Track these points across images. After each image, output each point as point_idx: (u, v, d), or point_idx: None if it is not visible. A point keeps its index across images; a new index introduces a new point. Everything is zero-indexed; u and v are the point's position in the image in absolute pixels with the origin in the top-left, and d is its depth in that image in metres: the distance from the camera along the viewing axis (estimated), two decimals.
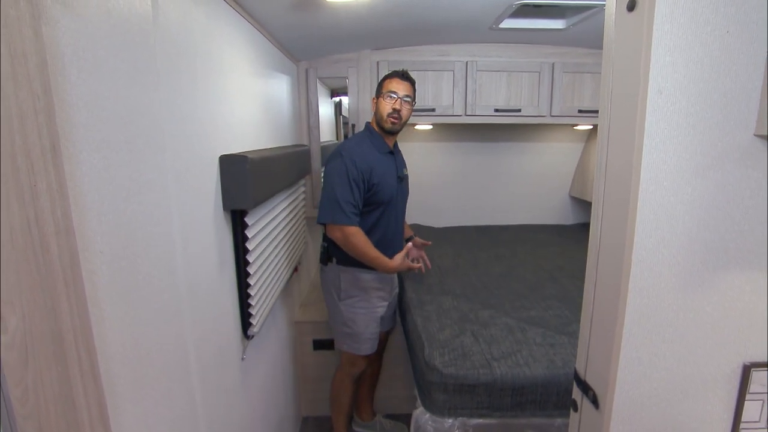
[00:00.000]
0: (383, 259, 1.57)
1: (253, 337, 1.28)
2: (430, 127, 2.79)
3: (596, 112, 0.80)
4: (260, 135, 1.48)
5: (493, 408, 1.26)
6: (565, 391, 1.24)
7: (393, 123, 1.61)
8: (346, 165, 1.52)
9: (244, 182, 1.10)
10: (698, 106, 0.62)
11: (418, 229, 2.96)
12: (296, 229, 1.87)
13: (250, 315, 1.23)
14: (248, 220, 1.17)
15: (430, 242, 1.99)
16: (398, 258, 1.60)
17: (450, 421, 1.26)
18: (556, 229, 3.07)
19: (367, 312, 1.69)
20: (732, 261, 0.68)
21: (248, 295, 1.21)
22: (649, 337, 0.70)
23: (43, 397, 0.45)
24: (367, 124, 1.73)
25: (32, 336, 0.43)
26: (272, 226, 1.40)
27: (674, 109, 0.61)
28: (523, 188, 3.13)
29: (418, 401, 1.37)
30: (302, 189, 2.06)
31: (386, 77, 1.62)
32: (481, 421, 1.26)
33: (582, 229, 3.06)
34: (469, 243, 2.71)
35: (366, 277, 1.67)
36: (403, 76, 1.60)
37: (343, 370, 1.81)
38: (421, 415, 1.30)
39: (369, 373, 1.94)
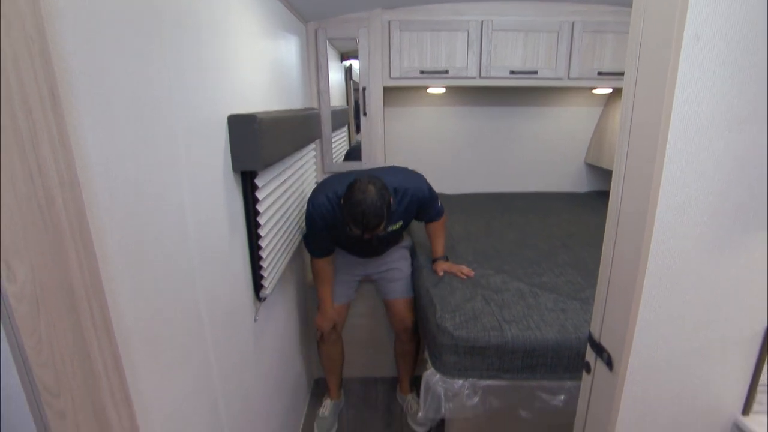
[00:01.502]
0: (322, 300, 1.78)
1: (265, 299, 1.29)
2: (443, 90, 2.71)
3: (617, 74, 0.75)
4: (269, 98, 1.44)
5: (504, 370, 1.27)
6: (576, 355, 1.24)
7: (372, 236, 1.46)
8: (311, 219, 1.55)
9: (254, 142, 1.08)
10: (738, 53, 0.57)
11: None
12: (306, 193, 1.86)
13: (261, 277, 1.24)
14: (258, 182, 1.15)
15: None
16: (328, 314, 1.78)
17: (460, 382, 1.27)
18: (570, 196, 3.02)
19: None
20: (763, 222, 0.65)
21: (260, 258, 1.22)
22: (668, 299, 0.68)
23: (58, 347, 0.45)
24: (338, 187, 1.52)
25: (42, 287, 0.43)
26: (282, 189, 1.38)
27: (711, 56, 0.57)
28: (537, 155, 3.05)
29: (429, 363, 1.39)
30: (312, 153, 2.04)
31: (349, 220, 1.37)
32: (490, 382, 1.27)
33: (596, 197, 3.00)
34: (481, 210, 2.68)
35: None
36: (368, 229, 1.37)
37: None
38: (431, 376, 1.32)
39: (400, 351, 1.95)
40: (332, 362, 1.94)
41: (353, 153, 2.74)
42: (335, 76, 2.83)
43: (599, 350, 0.77)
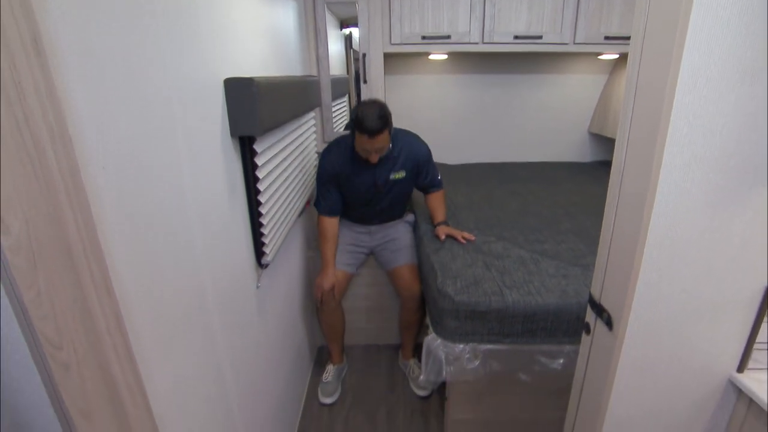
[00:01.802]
0: (325, 259, 1.83)
1: (267, 266, 1.30)
2: (445, 56, 2.65)
3: (624, 38, 0.72)
4: (266, 63, 1.41)
5: (504, 334, 1.28)
6: (576, 320, 1.25)
7: (374, 159, 1.65)
8: (321, 168, 1.77)
9: (252, 107, 1.05)
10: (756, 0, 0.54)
11: None
12: (307, 161, 1.84)
13: (263, 244, 1.24)
14: (257, 147, 1.14)
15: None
16: (329, 276, 1.82)
17: (461, 346, 1.29)
18: (574, 166, 2.99)
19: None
20: None
21: (260, 224, 1.21)
22: (669, 258, 0.68)
23: (58, 302, 0.45)
24: (352, 127, 1.65)
25: (38, 242, 0.43)
26: (283, 156, 1.37)
27: (725, 2, 0.54)
28: (540, 123, 3.01)
29: (430, 328, 1.41)
30: (312, 122, 2.01)
31: (356, 128, 1.57)
32: (491, 346, 1.29)
33: (600, 167, 2.97)
34: (484, 180, 2.66)
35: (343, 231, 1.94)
36: (372, 133, 1.53)
37: None
38: (432, 340, 1.34)
39: (406, 321, 1.97)
40: (333, 330, 1.97)
41: None
42: (335, 45, 2.76)
43: (599, 311, 0.77)
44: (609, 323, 0.74)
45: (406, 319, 1.95)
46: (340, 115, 2.73)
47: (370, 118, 1.52)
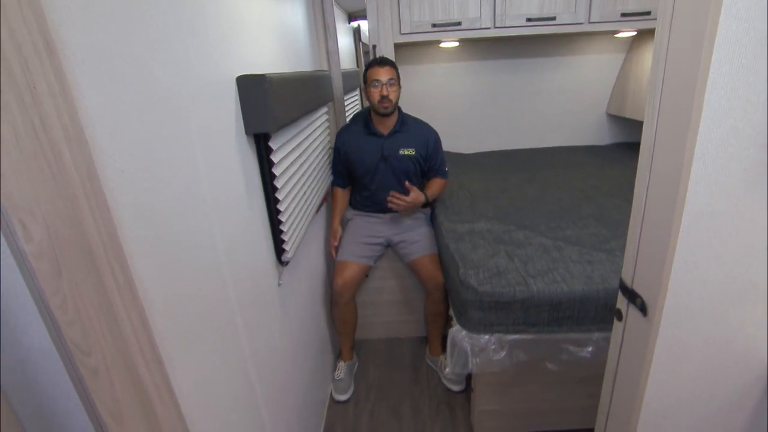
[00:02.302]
0: (333, 224, 2.00)
1: (287, 263, 1.30)
2: (456, 44, 2.60)
3: (642, 14, 0.68)
4: (278, 60, 1.39)
5: (530, 324, 1.26)
6: (604, 306, 1.22)
7: (385, 107, 1.79)
8: (336, 141, 1.97)
9: (265, 103, 1.05)
10: None
11: (446, 156, 2.88)
12: (322, 156, 1.83)
13: (283, 241, 1.24)
14: (272, 144, 1.13)
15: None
16: (335, 233, 1.97)
17: (486, 337, 1.27)
18: (591, 149, 2.92)
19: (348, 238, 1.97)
20: None
21: (279, 221, 1.21)
22: (707, 238, 0.65)
23: (84, 306, 0.45)
24: (368, 107, 1.91)
25: (60, 246, 0.42)
26: (298, 152, 1.36)
27: None
28: (556, 107, 2.94)
29: (454, 320, 1.39)
30: (325, 117, 1.99)
31: (367, 68, 1.80)
32: (517, 336, 1.27)
33: (618, 149, 2.89)
34: (499, 168, 2.62)
35: (354, 219, 2.03)
36: (381, 62, 1.77)
37: None
38: (457, 332, 1.32)
39: (431, 312, 1.95)
40: (345, 324, 1.96)
41: None
42: (343, 38, 2.73)
43: (632, 296, 0.74)
44: (643, 309, 0.71)
45: (432, 310, 1.92)
46: (352, 108, 2.71)
47: (380, 57, 1.79)
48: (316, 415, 1.71)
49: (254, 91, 1.04)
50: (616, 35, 2.59)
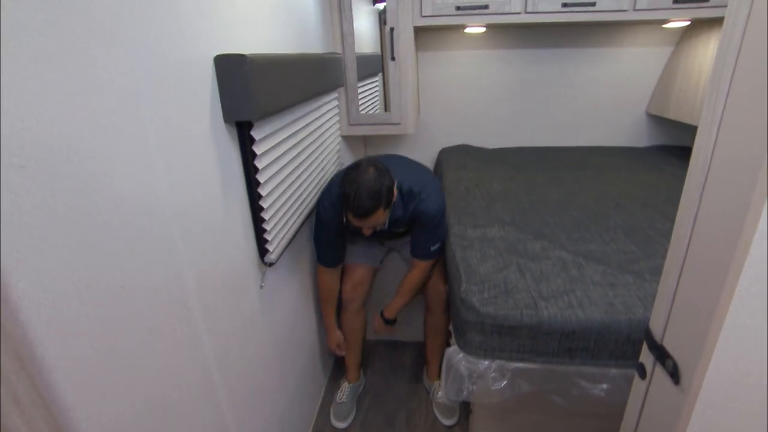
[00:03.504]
0: (327, 320, 1.71)
1: (272, 264, 1.18)
2: (483, 29, 2.40)
3: (700, 0, 0.51)
4: (277, 40, 1.26)
5: (537, 353, 1.11)
6: (626, 340, 1.06)
7: (365, 233, 1.42)
8: (319, 219, 1.49)
9: (245, 87, 0.92)
10: None
11: (467, 150, 2.69)
12: (326, 148, 1.70)
13: (266, 241, 1.12)
14: (255, 134, 1.01)
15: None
16: (332, 337, 1.73)
17: (486, 363, 1.13)
18: (627, 151, 2.68)
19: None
20: None
21: (262, 220, 1.09)
22: None
23: None
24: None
25: None
26: (291, 143, 1.23)
27: None
28: (590, 103, 2.70)
29: (453, 338, 1.25)
30: (334, 103, 1.86)
31: (344, 207, 1.30)
32: (521, 365, 1.12)
33: (658, 152, 2.65)
34: (524, 166, 2.42)
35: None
36: (359, 214, 1.26)
37: None
38: (454, 354, 1.19)
39: (431, 325, 1.75)
40: (352, 336, 1.78)
41: None
42: (365, 20, 2.57)
43: (661, 355, 0.59)
44: (674, 374, 0.55)
45: (433, 324, 1.74)
46: (371, 95, 2.56)
47: (357, 194, 1.23)
48: (303, 422, 1.61)
49: (234, 74, 0.91)
50: (664, 25, 2.34)
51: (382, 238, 1.61)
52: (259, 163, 1.04)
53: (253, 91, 0.92)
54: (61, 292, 0.53)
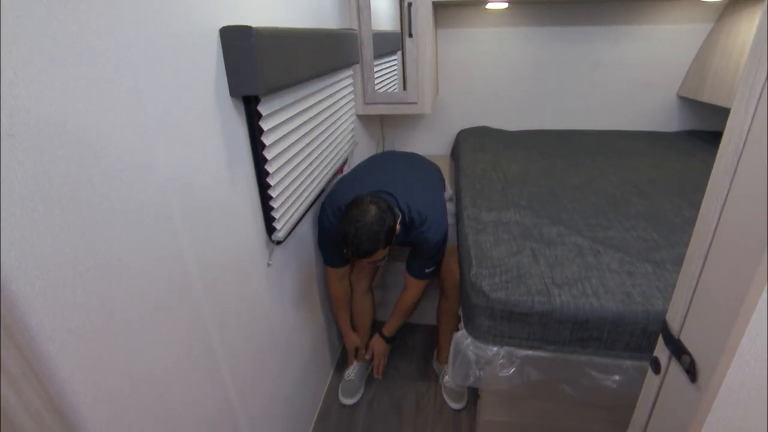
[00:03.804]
0: (341, 325, 1.70)
1: (280, 242, 1.17)
2: (505, 5, 2.30)
3: None
4: (288, 13, 1.22)
5: (548, 341, 1.08)
6: (642, 332, 1.02)
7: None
8: (321, 226, 1.44)
9: (250, 60, 0.89)
10: None
11: (486, 132, 2.62)
12: (339, 126, 1.67)
13: (273, 218, 1.11)
14: (262, 109, 0.98)
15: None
16: (352, 341, 1.72)
17: (494, 349, 1.11)
18: (655, 136, 2.56)
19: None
20: None
21: (270, 197, 1.08)
22: None
23: None
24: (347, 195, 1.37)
25: None
26: (301, 120, 1.20)
27: None
28: (617, 85, 2.58)
29: (462, 323, 1.23)
30: (349, 81, 1.81)
31: (343, 244, 1.24)
32: (531, 353, 1.09)
33: (689, 138, 2.52)
34: (544, 149, 2.34)
35: None
36: (356, 255, 1.23)
37: None
38: (462, 338, 1.16)
39: (444, 309, 1.73)
40: (361, 317, 1.77)
41: None
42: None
43: (677, 350, 0.55)
44: (691, 371, 0.52)
45: (446, 309, 1.71)
46: (389, 73, 2.50)
47: (357, 236, 1.19)
48: (311, 401, 1.63)
49: (239, 46, 0.88)
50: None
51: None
52: (267, 140, 1.01)
53: (259, 65, 0.90)
54: (55, 263, 0.52)
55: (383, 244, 1.22)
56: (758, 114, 0.44)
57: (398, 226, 1.29)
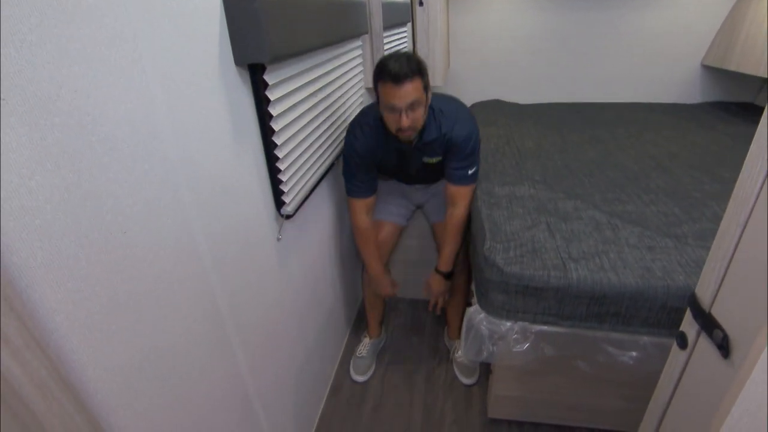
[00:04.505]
0: (370, 267, 1.60)
1: (290, 216, 1.15)
2: None
3: None
4: None
5: (563, 316, 1.05)
6: (661, 308, 0.98)
7: (406, 137, 1.29)
8: (348, 145, 1.42)
9: (255, 27, 0.85)
10: None
11: (500, 106, 2.54)
12: (348, 99, 1.62)
13: (282, 192, 1.08)
14: (269, 78, 0.94)
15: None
16: (384, 283, 1.60)
17: (508, 324, 1.09)
18: (676, 108, 2.47)
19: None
20: None
21: (278, 170, 1.05)
22: None
23: None
24: (376, 108, 1.35)
25: None
26: (309, 91, 1.16)
27: None
28: (637, 55, 2.48)
29: (474, 298, 1.21)
30: (358, 52, 1.75)
31: (379, 79, 1.20)
32: (545, 328, 1.07)
33: (711, 109, 2.42)
34: (559, 123, 2.27)
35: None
36: (397, 77, 1.15)
37: None
38: (475, 313, 1.15)
39: (455, 289, 1.70)
40: (376, 295, 1.75)
41: None
42: None
43: (708, 324, 0.52)
44: (724, 347, 0.49)
45: (451, 282, 1.69)
46: (400, 44, 2.42)
47: (396, 61, 1.17)
48: (323, 374, 1.64)
49: (244, 12, 0.84)
50: None
51: (411, 171, 1.52)
52: (273, 110, 0.98)
53: (264, 31, 0.85)
54: (56, 234, 0.50)
55: (422, 76, 1.20)
56: None
57: (429, 97, 1.29)
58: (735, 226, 0.49)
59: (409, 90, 1.17)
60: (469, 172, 1.41)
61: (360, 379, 1.72)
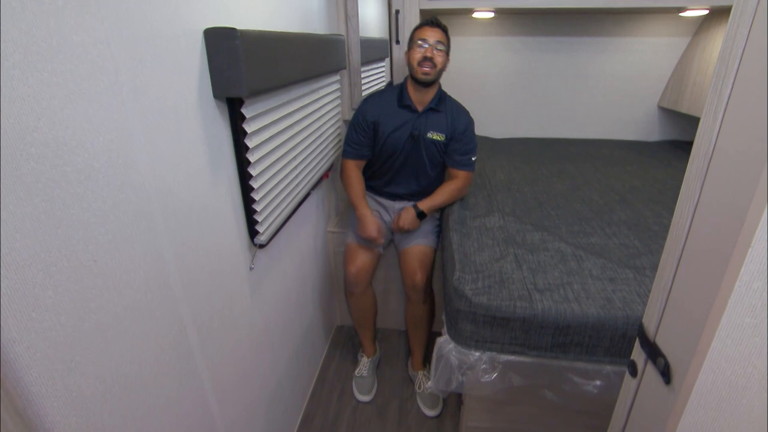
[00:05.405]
0: (356, 204, 1.65)
1: (263, 245, 1.16)
2: (491, 14, 2.33)
3: None
4: (276, 18, 1.23)
5: (529, 346, 1.08)
6: (622, 337, 1.03)
7: (425, 73, 1.53)
8: (358, 110, 1.69)
9: (234, 62, 0.88)
10: None
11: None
12: (326, 130, 1.67)
13: (256, 222, 1.10)
14: (246, 111, 0.98)
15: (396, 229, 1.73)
16: (370, 222, 1.62)
17: (477, 354, 1.11)
18: (637, 146, 2.62)
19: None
20: None
21: (252, 200, 1.07)
22: None
23: None
24: (406, 77, 1.67)
25: None
26: (286, 124, 1.20)
27: None
28: (600, 95, 2.64)
29: (445, 328, 1.23)
30: (335, 86, 1.81)
31: (416, 27, 1.57)
32: (513, 358, 1.10)
33: (669, 147, 2.58)
34: (529, 157, 2.38)
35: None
36: (433, 23, 1.53)
37: None
38: (445, 343, 1.16)
39: (410, 315, 1.73)
40: (364, 315, 1.78)
41: None
42: (374, 5, 2.51)
43: (652, 353, 0.56)
44: (665, 374, 0.52)
45: (412, 314, 1.71)
46: (377, 79, 2.51)
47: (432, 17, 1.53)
48: (294, 405, 1.61)
49: (223, 48, 0.88)
50: (681, 14, 2.25)
51: (416, 140, 1.65)
52: (250, 142, 1.01)
53: (243, 67, 0.89)
54: (23, 262, 0.51)
55: (447, 37, 1.55)
56: (726, 120, 0.45)
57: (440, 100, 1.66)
58: (671, 261, 0.53)
59: (438, 34, 1.51)
60: (472, 158, 1.69)
61: (365, 398, 1.72)
